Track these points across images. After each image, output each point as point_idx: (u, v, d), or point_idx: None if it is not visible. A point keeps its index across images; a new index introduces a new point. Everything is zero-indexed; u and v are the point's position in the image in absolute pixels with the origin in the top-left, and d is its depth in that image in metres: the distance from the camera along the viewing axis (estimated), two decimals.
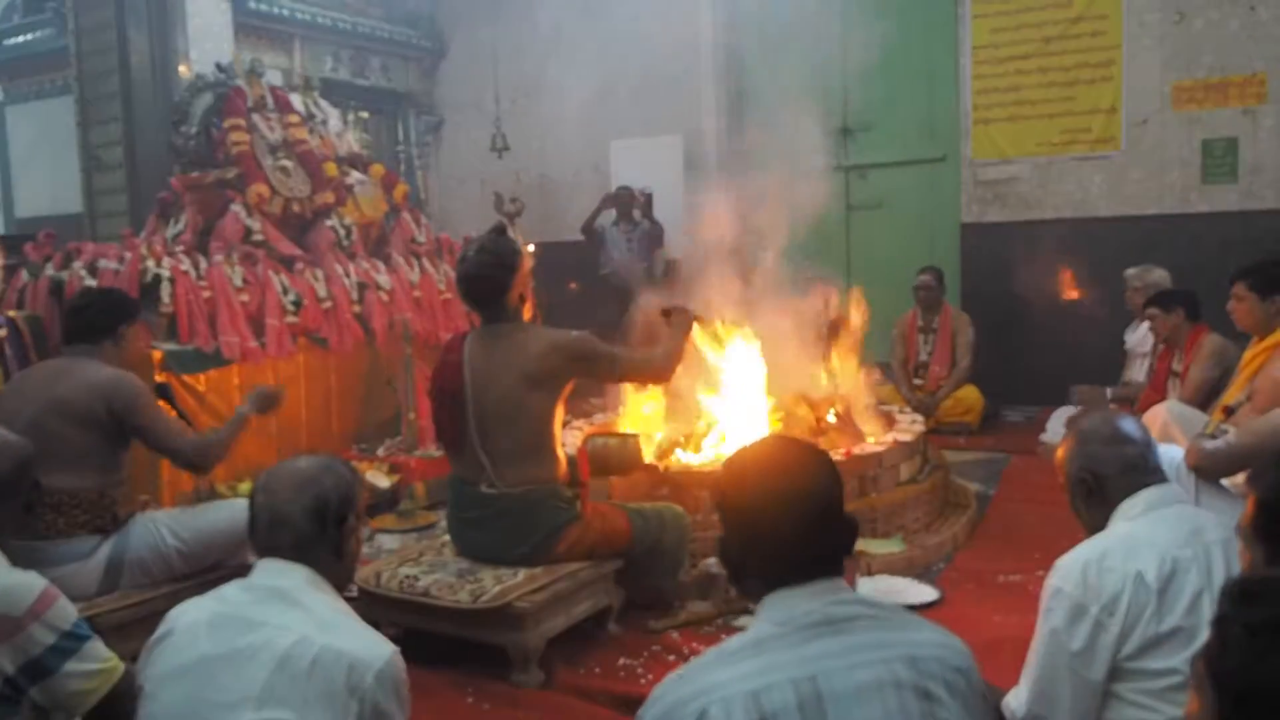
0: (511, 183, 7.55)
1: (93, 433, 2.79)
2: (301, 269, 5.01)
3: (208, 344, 4.49)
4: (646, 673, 2.85)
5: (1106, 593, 1.70)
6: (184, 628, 1.60)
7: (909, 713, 1.24)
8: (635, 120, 7.38)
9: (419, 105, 8.41)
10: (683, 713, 1.24)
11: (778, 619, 1.32)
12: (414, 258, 5.64)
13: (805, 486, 1.37)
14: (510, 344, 2.89)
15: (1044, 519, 3.91)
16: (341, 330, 5.03)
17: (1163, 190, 6.08)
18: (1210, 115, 5.94)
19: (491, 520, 2.91)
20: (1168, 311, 4.39)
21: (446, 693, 2.74)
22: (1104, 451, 1.88)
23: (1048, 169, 6.38)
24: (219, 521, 2.88)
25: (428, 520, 4.37)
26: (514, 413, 2.86)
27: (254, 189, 4.99)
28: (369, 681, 1.51)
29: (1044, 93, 6.33)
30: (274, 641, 1.52)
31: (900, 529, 3.77)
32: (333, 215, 5.32)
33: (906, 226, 6.84)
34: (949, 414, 5.79)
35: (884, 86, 6.62)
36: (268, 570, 1.64)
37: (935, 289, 6.00)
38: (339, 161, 5.56)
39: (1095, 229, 6.23)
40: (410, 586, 2.87)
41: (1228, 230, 5.76)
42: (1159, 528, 1.78)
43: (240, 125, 5.12)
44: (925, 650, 1.30)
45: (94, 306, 3.00)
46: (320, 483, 1.67)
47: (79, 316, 2.97)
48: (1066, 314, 6.31)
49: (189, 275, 4.54)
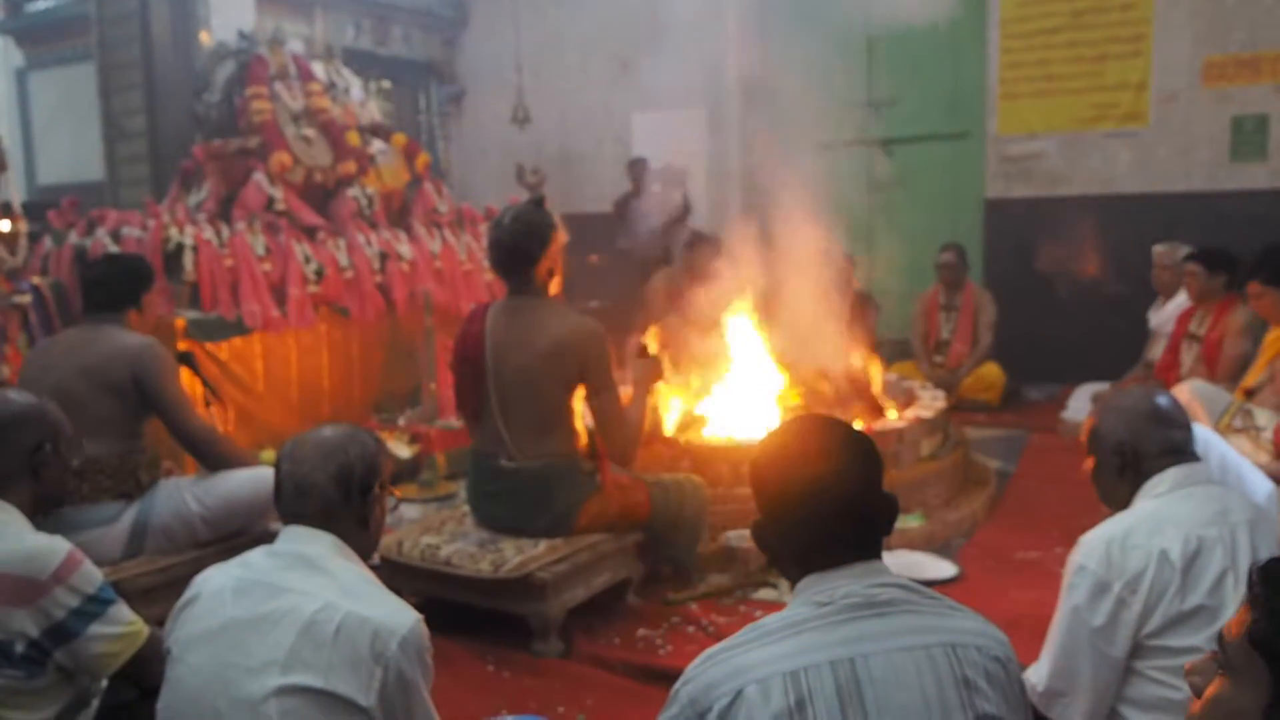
0: (533, 154, 7.52)
1: (118, 399, 2.81)
2: (323, 238, 5.02)
3: (230, 313, 4.51)
4: (665, 644, 2.86)
5: (1130, 570, 1.69)
6: (210, 593, 1.61)
7: (948, 700, 1.23)
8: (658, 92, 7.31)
9: (440, 75, 8.36)
10: (718, 692, 1.23)
11: (817, 600, 1.30)
12: (435, 228, 5.63)
13: (842, 467, 1.35)
14: (533, 319, 2.88)
15: (1063, 497, 3.90)
16: (363, 300, 5.05)
17: (1190, 167, 5.98)
18: (1240, 91, 5.83)
19: (511, 494, 2.92)
20: (1211, 273, 4.32)
21: (467, 661, 2.77)
22: (1150, 430, 1.85)
23: (1074, 145, 6.28)
24: (243, 488, 2.89)
25: (448, 490, 4.39)
26: (533, 387, 2.86)
27: (276, 158, 4.99)
28: (393, 648, 1.52)
29: (1072, 67, 6.22)
30: (300, 607, 1.53)
31: (920, 505, 3.76)
32: (354, 184, 5.32)
33: (930, 202, 6.77)
34: (970, 391, 5.77)
35: (909, 61, 6.54)
36: (294, 537, 1.65)
37: (958, 266, 5.95)
38: (361, 131, 5.55)
39: (1121, 206, 6.14)
40: (432, 556, 2.90)
41: (1255, 209, 5.67)
42: (1185, 505, 1.76)
43: (262, 94, 5.11)
44: (966, 638, 1.28)
45: (115, 276, 3.00)
46: (346, 451, 1.67)
47: (101, 288, 2.97)
48: (1089, 292, 6.25)
49: (211, 244, 4.56)
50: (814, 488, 1.34)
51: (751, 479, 1.43)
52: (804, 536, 1.35)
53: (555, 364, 2.83)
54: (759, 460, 1.42)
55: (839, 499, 1.34)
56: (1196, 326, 4.41)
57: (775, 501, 1.38)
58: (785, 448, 1.40)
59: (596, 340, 2.87)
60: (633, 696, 2.59)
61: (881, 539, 1.38)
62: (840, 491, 1.34)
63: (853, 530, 1.35)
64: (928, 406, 4.14)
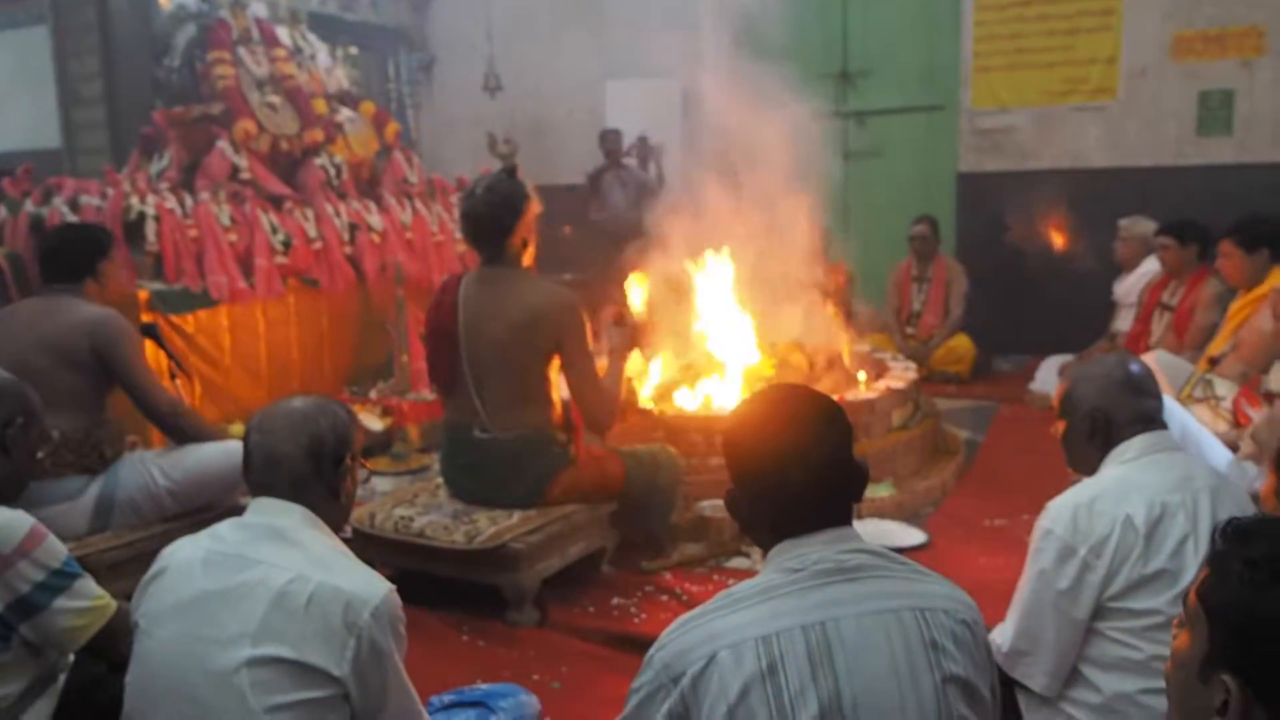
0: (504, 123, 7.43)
1: (78, 373, 2.75)
2: (291, 208, 4.94)
3: (195, 284, 4.44)
4: (640, 612, 2.89)
5: (1095, 535, 1.72)
6: (178, 565, 1.60)
7: (916, 662, 1.24)
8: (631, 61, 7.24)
9: (410, 42, 8.22)
10: (692, 657, 1.24)
11: (789, 566, 1.31)
12: (406, 198, 5.57)
13: (814, 437, 1.35)
14: (506, 290, 2.86)
15: (1030, 466, 3.96)
16: (333, 271, 4.98)
17: (1158, 142, 6.03)
18: (1208, 67, 5.87)
19: (485, 465, 2.91)
20: (1183, 244, 4.39)
21: (442, 631, 2.78)
22: (1123, 398, 1.86)
23: (1045, 119, 6.31)
24: (210, 462, 2.85)
25: (421, 463, 4.37)
26: (506, 359, 2.84)
27: (240, 125, 4.90)
28: (365, 618, 1.51)
29: (1044, 41, 6.23)
30: (270, 578, 1.52)
31: (891, 474, 3.80)
32: (322, 153, 5.24)
33: (903, 175, 6.78)
34: (941, 363, 5.82)
35: (884, 33, 6.52)
36: (263, 509, 1.63)
37: (930, 239, 5.98)
38: (328, 98, 5.45)
39: (1090, 180, 6.18)
40: (405, 528, 2.89)
41: (1222, 183, 5.73)
42: (1151, 472, 1.79)
43: (225, 59, 5.00)
44: (934, 602, 1.30)
45: (71, 246, 2.93)
46: (317, 422, 1.66)
47: (58, 258, 2.90)
48: (1059, 264, 6.30)
49: (174, 213, 4.48)
50: (785, 456, 1.35)
51: (724, 448, 1.44)
52: (776, 504, 1.36)
53: (530, 334, 2.82)
54: (731, 430, 1.43)
55: (810, 467, 1.34)
56: (1169, 297, 4.48)
57: (747, 470, 1.39)
58: (757, 417, 1.41)
59: (571, 310, 2.85)
60: (607, 664, 2.61)
61: (852, 506, 1.40)
62: (811, 460, 1.34)
63: (823, 498, 1.35)
64: (899, 377, 4.17)
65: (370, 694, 1.54)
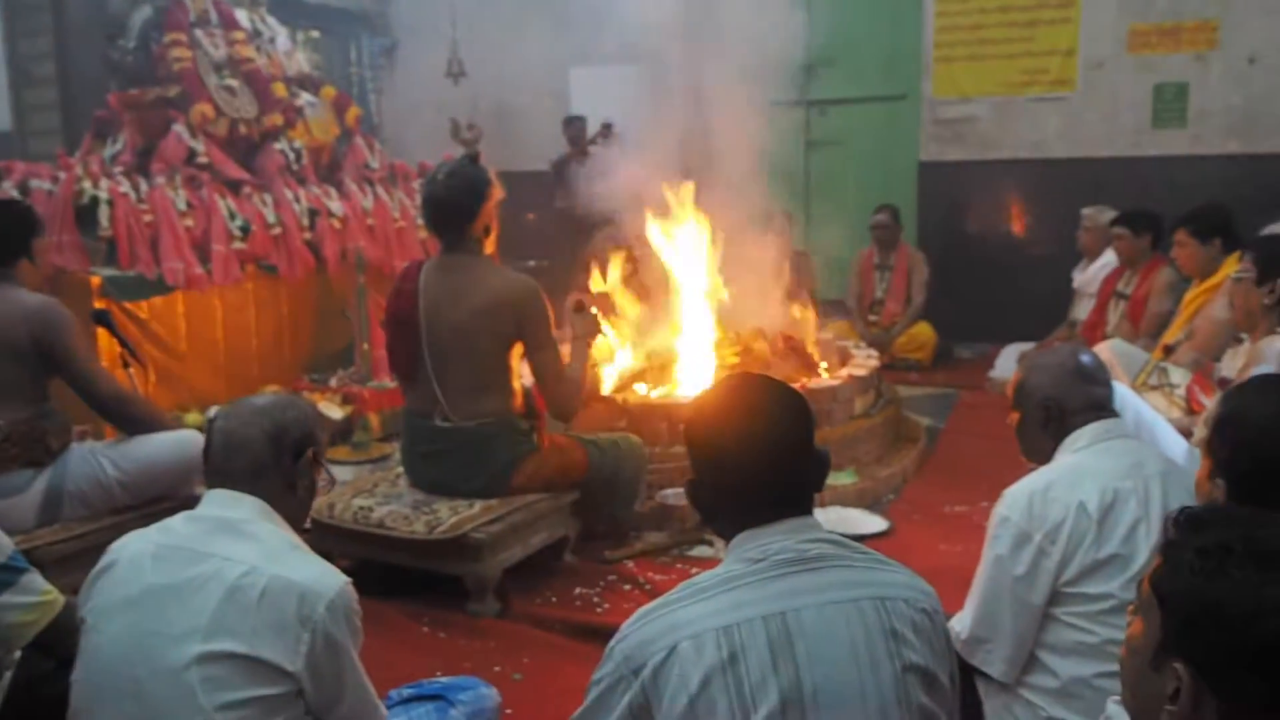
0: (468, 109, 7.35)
1: (17, 363, 2.66)
2: (249, 193, 4.85)
3: (150, 270, 4.35)
4: (603, 602, 2.88)
5: (1050, 521, 1.74)
6: (128, 559, 1.56)
7: (876, 651, 1.25)
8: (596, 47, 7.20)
9: (372, 26, 8.10)
10: (653, 649, 1.24)
11: (750, 557, 1.31)
12: (367, 184, 5.49)
13: (775, 425, 1.35)
14: (467, 277, 2.83)
15: (990, 453, 4.00)
16: (292, 258, 4.91)
17: (1115, 133, 6.13)
18: (1163, 60, 5.97)
19: (446, 454, 2.89)
20: (1137, 234, 4.47)
21: (401, 622, 2.75)
22: (1074, 387, 1.90)
23: (1005, 109, 6.38)
24: (163, 452, 2.78)
25: (382, 452, 4.33)
26: (467, 347, 2.82)
27: (197, 109, 4.80)
28: (320, 611, 1.49)
29: (1005, 32, 6.30)
30: (222, 572, 1.49)
31: (853, 461, 3.83)
32: (281, 138, 5.15)
33: (865, 164, 6.82)
34: (902, 350, 5.87)
35: (847, 22, 6.52)
36: (217, 501, 1.60)
37: (892, 227, 6.03)
38: (288, 82, 5.36)
39: (1049, 170, 6.27)
40: (364, 518, 2.86)
41: (1176, 174, 5.84)
42: (1103, 459, 1.82)
43: (182, 41, 4.90)
44: (894, 591, 1.30)
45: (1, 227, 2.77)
46: (282, 412, 1.66)
47: None
48: (1019, 253, 6.38)
49: (129, 198, 4.38)
50: (747, 446, 1.34)
51: (685, 438, 1.44)
52: (737, 494, 1.36)
53: (491, 321, 2.80)
54: (693, 419, 1.43)
55: (771, 456, 1.34)
56: (1124, 286, 4.56)
57: (709, 460, 1.39)
58: (719, 407, 1.41)
59: (533, 296, 2.83)
60: (569, 654, 2.60)
61: (813, 496, 1.40)
62: (773, 449, 1.34)
63: (785, 487, 1.36)
64: (861, 365, 4.20)
65: (325, 689, 1.51)
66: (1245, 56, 5.78)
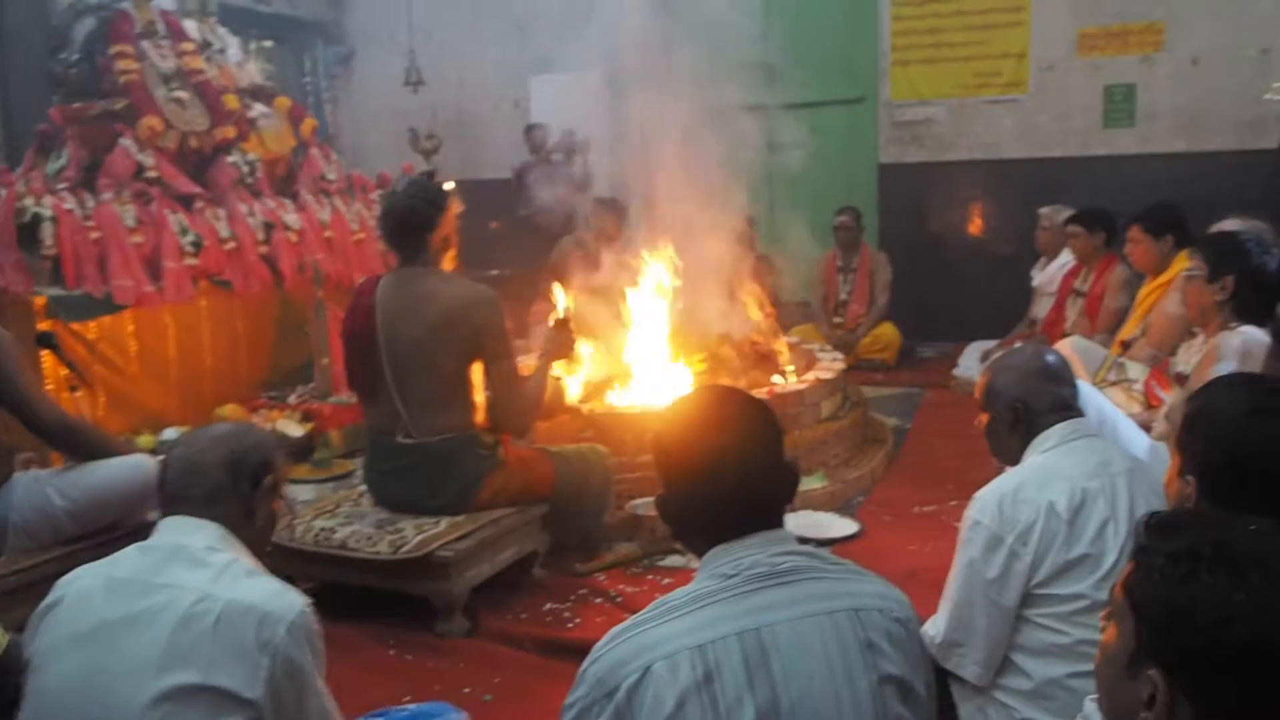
0: (427, 118, 7.28)
1: None
2: (201, 208, 4.75)
3: (98, 289, 4.23)
4: (574, 617, 2.84)
5: (1021, 523, 1.75)
6: (76, 595, 1.51)
7: (852, 664, 1.24)
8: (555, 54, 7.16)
9: (327, 35, 8.00)
10: (626, 670, 1.21)
11: (723, 572, 1.30)
12: (324, 196, 5.40)
13: (745, 439, 1.34)
14: (423, 290, 2.78)
15: (956, 451, 4.03)
16: (247, 272, 4.81)
17: (1067, 134, 6.23)
18: (1111, 62, 6.09)
19: (410, 471, 2.83)
20: (1091, 232, 4.54)
21: (367, 646, 2.69)
22: (1041, 387, 1.92)
23: (961, 111, 6.46)
24: (113, 478, 2.67)
25: (344, 469, 4.25)
26: (428, 360, 2.77)
27: (145, 122, 4.68)
28: (280, 634, 1.45)
29: (960, 36, 6.38)
30: (176, 601, 1.45)
31: (822, 464, 3.83)
32: (234, 150, 5.05)
33: (826, 167, 6.82)
34: (867, 351, 5.91)
35: (805, 27, 6.57)
36: (172, 528, 1.56)
37: (854, 229, 6.07)
38: (240, 93, 5.26)
39: (1005, 170, 6.36)
40: (327, 539, 2.79)
41: (1126, 173, 5.96)
42: (1070, 459, 1.83)
43: (128, 53, 4.78)
44: (868, 602, 1.29)
45: None
46: (240, 439, 1.66)
47: None
48: (978, 253, 6.46)
49: (74, 214, 4.26)
50: (717, 460, 1.33)
51: (655, 452, 1.42)
52: (708, 509, 1.34)
53: (449, 333, 2.75)
54: (662, 434, 1.41)
55: (742, 471, 1.33)
56: (1080, 283, 4.63)
57: (679, 475, 1.37)
58: (687, 421, 1.39)
59: (490, 306, 2.80)
60: (541, 673, 2.55)
61: (784, 508, 1.39)
62: (743, 463, 1.33)
63: (756, 501, 1.34)
64: (827, 368, 4.20)
65: (286, 716, 1.47)
66: (1190, 58, 5.91)
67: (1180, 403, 2.65)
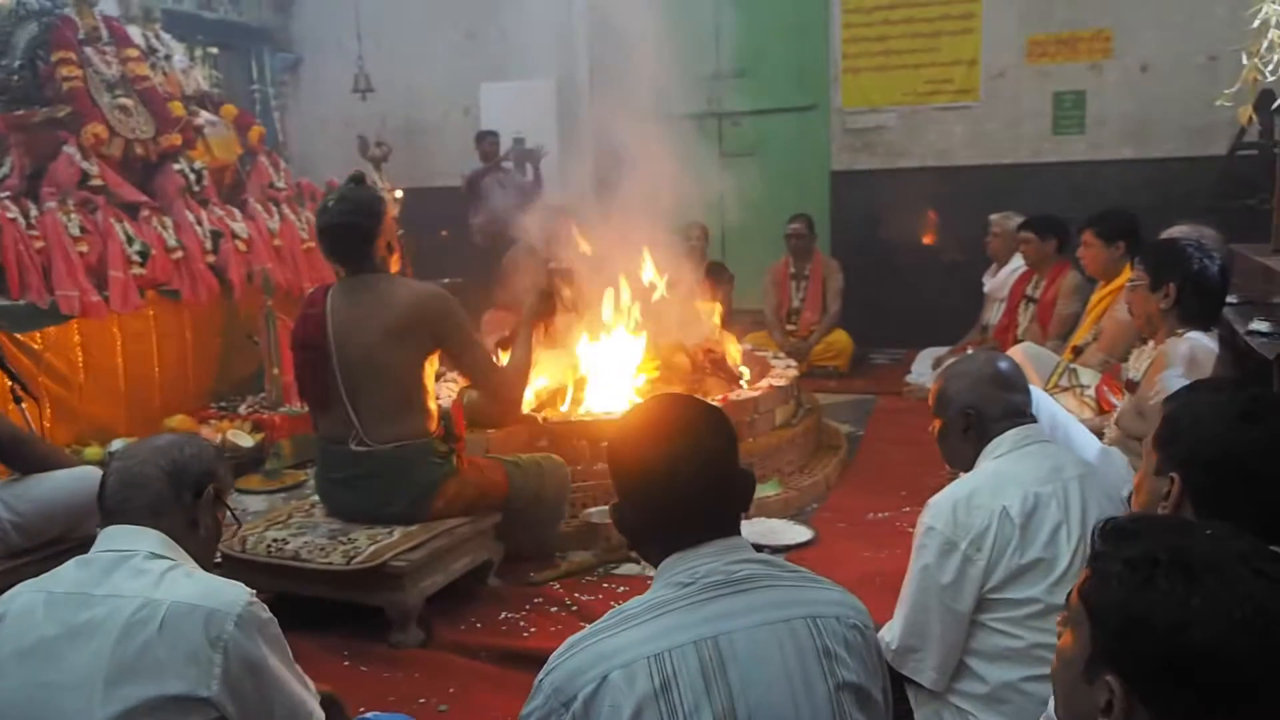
0: (376, 126, 7.21)
1: None
2: (147, 216, 4.66)
3: (42, 299, 4.13)
4: (529, 626, 2.82)
5: (975, 529, 1.76)
6: (17, 612, 1.48)
7: (809, 671, 1.24)
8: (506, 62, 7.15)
9: (274, 42, 7.89)
10: (583, 680, 1.21)
11: (679, 581, 1.29)
12: (273, 204, 5.33)
13: (700, 447, 1.34)
14: (374, 296, 2.76)
15: (909, 458, 4.07)
16: (195, 282, 4.72)
17: (1017, 141, 6.34)
18: (1060, 69, 6.20)
19: (363, 479, 2.80)
20: (1043, 239, 4.60)
21: (321, 657, 2.64)
22: (993, 394, 1.93)
23: (913, 118, 6.54)
24: (60, 490, 2.64)
25: (295, 479, 4.19)
26: (381, 367, 2.74)
27: (89, 129, 4.58)
28: (230, 630, 1.44)
29: (910, 43, 6.46)
30: (118, 611, 1.43)
31: (776, 472, 3.85)
32: (181, 158, 4.96)
33: (778, 174, 6.89)
34: (820, 358, 5.95)
35: (755, 34, 6.62)
36: (112, 537, 1.54)
37: (806, 236, 6.11)
38: (186, 100, 5.17)
39: (956, 177, 6.44)
40: (279, 550, 2.75)
41: (1076, 179, 6.07)
42: (1023, 464, 1.85)
43: (71, 59, 4.68)
44: (825, 609, 1.30)
45: None
46: (181, 449, 1.64)
47: None
48: (930, 259, 6.54)
49: (17, 223, 4.16)
50: (671, 468, 1.33)
51: (609, 461, 1.42)
52: (663, 517, 1.34)
53: (404, 337, 2.73)
54: (616, 443, 1.41)
55: (697, 479, 1.33)
56: (1033, 289, 4.69)
57: (634, 483, 1.37)
58: (642, 430, 1.39)
59: (445, 302, 2.79)
60: (496, 682, 2.54)
61: (740, 516, 1.39)
62: (698, 471, 1.33)
63: (711, 508, 1.34)
64: (781, 375, 4.23)
65: (250, 709, 1.47)
66: (1138, 65, 6.03)
67: (1130, 408, 2.71)
